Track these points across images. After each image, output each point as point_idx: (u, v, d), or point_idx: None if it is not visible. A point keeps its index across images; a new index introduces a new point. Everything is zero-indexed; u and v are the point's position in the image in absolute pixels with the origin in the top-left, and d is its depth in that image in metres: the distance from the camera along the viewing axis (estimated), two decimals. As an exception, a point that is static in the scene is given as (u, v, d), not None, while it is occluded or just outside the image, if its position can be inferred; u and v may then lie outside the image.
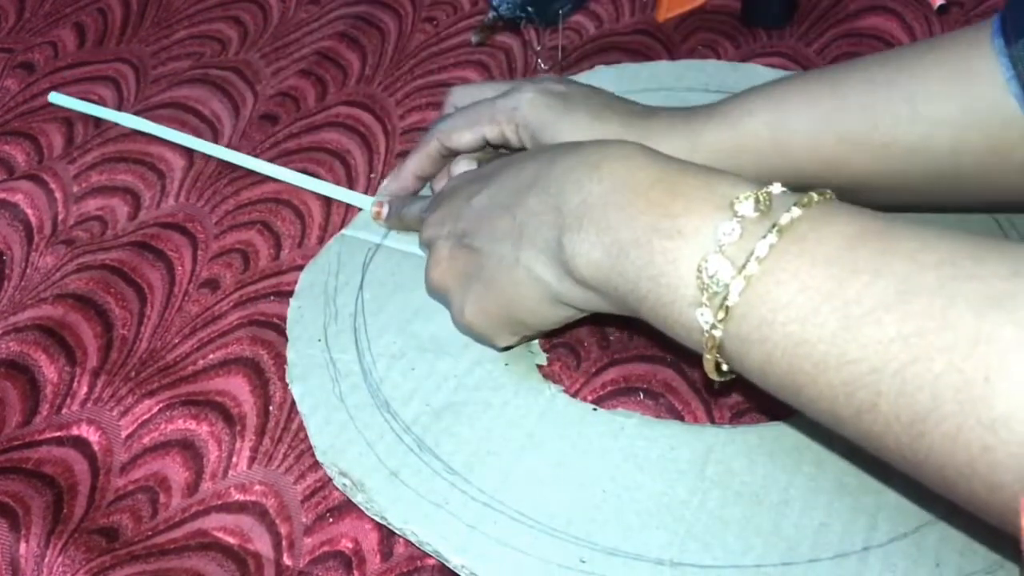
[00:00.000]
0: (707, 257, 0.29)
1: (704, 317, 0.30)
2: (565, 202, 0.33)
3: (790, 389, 0.29)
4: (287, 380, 0.41)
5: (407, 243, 0.46)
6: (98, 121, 0.54)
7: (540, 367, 0.41)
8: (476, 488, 0.36)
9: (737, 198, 0.30)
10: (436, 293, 0.40)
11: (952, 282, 0.26)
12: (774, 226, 0.29)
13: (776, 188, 0.30)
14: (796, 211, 0.29)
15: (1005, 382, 0.24)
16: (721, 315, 0.29)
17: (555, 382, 0.40)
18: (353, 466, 0.38)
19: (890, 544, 0.34)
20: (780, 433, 0.37)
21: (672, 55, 0.56)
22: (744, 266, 0.28)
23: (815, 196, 0.30)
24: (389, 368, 0.41)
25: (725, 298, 0.29)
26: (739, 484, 0.35)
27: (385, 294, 0.44)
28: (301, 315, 0.43)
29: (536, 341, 0.41)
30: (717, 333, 0.29)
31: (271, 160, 0.51)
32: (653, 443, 0.37)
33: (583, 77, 0.53)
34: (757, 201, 0.29)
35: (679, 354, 0.40)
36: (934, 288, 0.26)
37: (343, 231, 0.47)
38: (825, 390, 0.28)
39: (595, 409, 0.39)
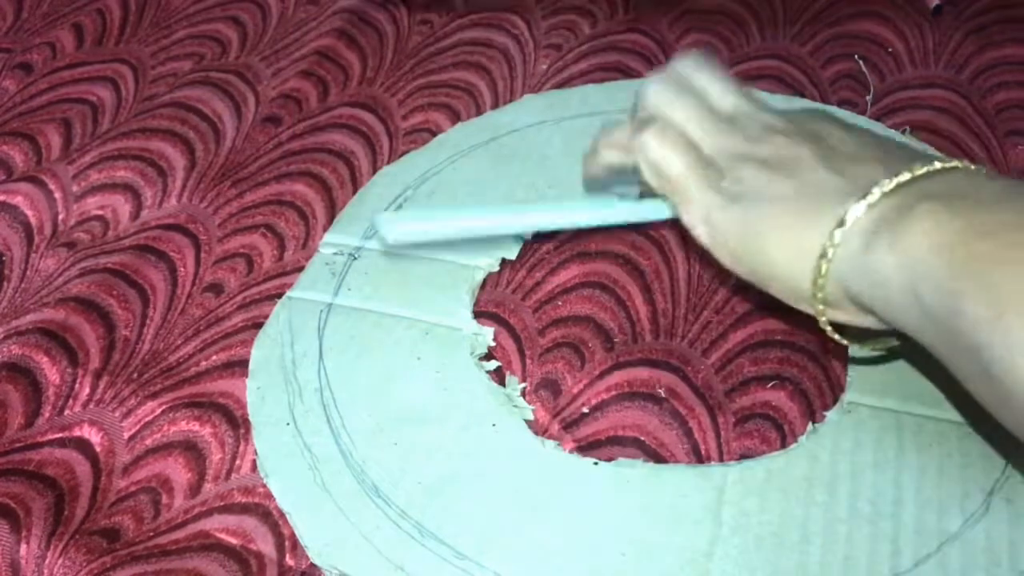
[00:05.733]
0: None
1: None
2: None
3: None
4: (260, 473, 0.38)
5: (361, 298, 0.43)
6: (96, 120, 0.54)
7: (528, 422, 0.39)
8: (491, 572, 0.34)
9: None
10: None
11: None
12: None
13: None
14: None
15: None
16: None
17: (560, 382, 0.40)
18: (354, 566, 0.35)
19: (916, 569, 0.33)
20: (787, 463, 0.36)
21: (667, 54, 0.56)
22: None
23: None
24: (369, 446, 0.38)
25: None
26: (757, 525, 0.35)
27: (348, 361, 0.41)
28: (262, 397, 0.40)
29: (518, 392, 0.40)
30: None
31: (274, 161, 0.51)
32: (662, 492, 0.36)
33: (510, 108, 0.53)
34: None
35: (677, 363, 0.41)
36: None
37: (288, 293, 0.44)
38: None
39: (596, 463, 0.37)
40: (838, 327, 0.34)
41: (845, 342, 0.34)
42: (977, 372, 0.28)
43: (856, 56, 0.54)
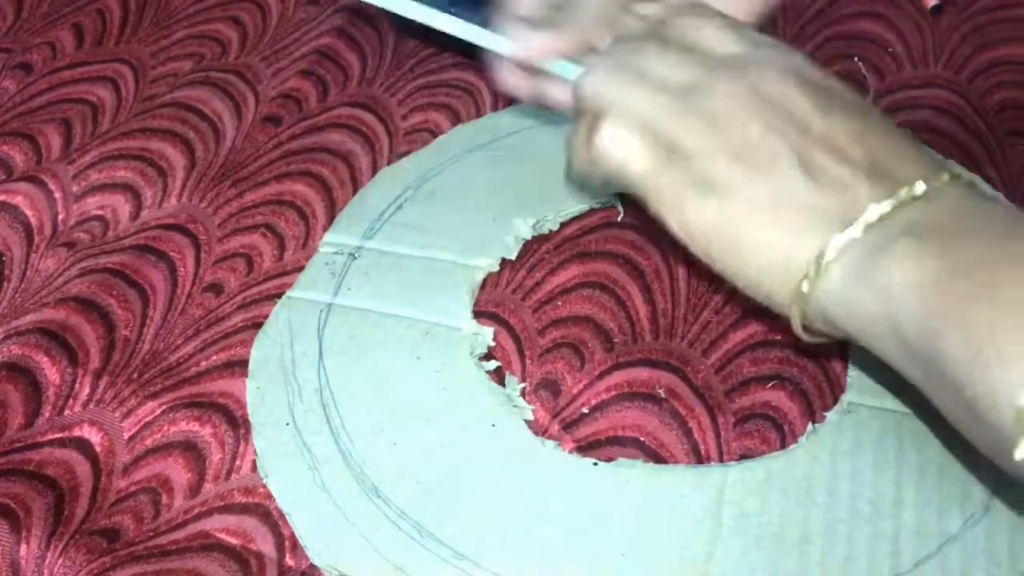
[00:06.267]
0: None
1: None
2: None
3: None
4: (259, 473, 0.38)
5: (360, 298, 0.43)
6: (96, 120, 0.54)
7: (528, 422, 0.39)
8: (490, 572, 0.34)
9: None
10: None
11: None
12: None
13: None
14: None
15: None
16: None
17: (559, 382, 0.40)
18: (353, 566, 0.35)
19: (916, 569, 0.33)
20: (787, 464, 0.36)
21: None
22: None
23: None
24: (369, 446, 0.38)
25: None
26: (757, 526, 0.35)
27: (348, 361, 0.41)
28: (262, 397, 0.40)
29: (518, 392, 0.40)
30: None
31: (274, 161, 0.51)
32: (662, 493, 0.36)
33: (510, 110, 0.52)
34: None
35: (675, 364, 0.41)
36: None
37: (288, 293, 0.44)
38: None
39: (595, 464, 0.37)
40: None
41: (815, 340, 0.34)
42: (960, 409, 0.28)
43: (855, 58, 0.54)
